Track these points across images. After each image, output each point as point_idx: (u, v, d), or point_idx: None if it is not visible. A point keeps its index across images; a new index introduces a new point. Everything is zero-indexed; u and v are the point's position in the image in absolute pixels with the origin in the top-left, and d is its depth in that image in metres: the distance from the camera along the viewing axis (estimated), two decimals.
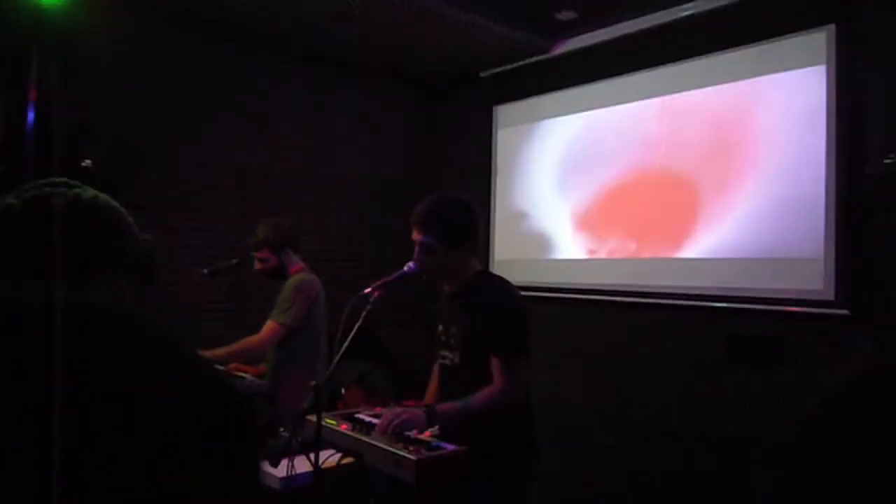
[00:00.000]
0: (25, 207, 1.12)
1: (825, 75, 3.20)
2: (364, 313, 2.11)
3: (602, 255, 4.18)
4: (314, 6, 3.69)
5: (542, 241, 4.54)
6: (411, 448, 2.00)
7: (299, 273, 3.38)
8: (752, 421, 3.39)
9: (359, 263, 4.74)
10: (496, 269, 4.80)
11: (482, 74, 4.90)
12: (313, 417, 1.97)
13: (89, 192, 1.23)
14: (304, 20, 3.94)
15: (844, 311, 3.09)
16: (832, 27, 3.17)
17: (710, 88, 3.66)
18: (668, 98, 3.85)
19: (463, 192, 4.76)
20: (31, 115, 3.43)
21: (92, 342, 0.69)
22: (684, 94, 3.77)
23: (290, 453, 2.07)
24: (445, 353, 2.42)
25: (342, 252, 4.75)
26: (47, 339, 0.65)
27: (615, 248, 4.10)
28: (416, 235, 2.34)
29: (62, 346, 0.65)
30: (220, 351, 3.31)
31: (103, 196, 1.25)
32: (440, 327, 2.48)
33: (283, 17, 3.88)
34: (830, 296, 3.15)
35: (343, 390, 4.13)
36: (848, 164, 3.12)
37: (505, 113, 4.88)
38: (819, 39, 3.22)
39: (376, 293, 2.14)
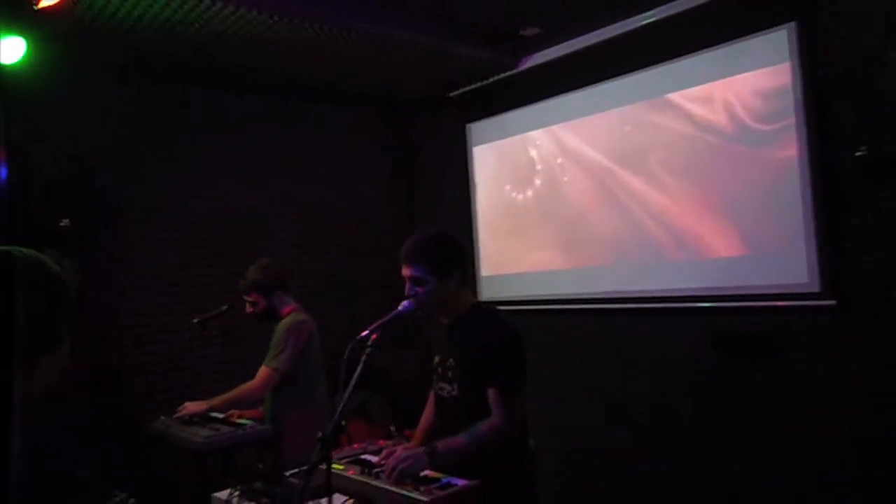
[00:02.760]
0: None
1: (790, 72, 3.26)
2: (364, 357, 2.10)
3: (586, 264, 4.20)
4: (277, 40, 3.69)
5: (526, 255, 4.56)
6: (422, 488, 1.99)
7: (291, 314, 3.36)
8: (749, 416, 3.43)
9: (346, 294, 4.73)
10: (482, 285, 4.82)
11: (452, 94, 4.93)
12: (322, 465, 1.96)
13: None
14: (268, 55, 3.93)
15: (831, 302, 3.14)
16: (792, 25, 3.24)
17: (679, 92, 3.70)
18: (638, 105, 3.89)
19: (444, 215, 4.85)
20: (2, 174, 3.39)
21: None
22: (653, 99, 3.82)
23: (302, 501, 2.06)
24: (443, 384, 2.43)
25: (328, 284, 4.73)
26: None
27: (598, 256, 4.13)
28: (405, 271, 2.36)
29: None
30: (217, 400, 3.29)
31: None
32: (436, 358, 2.48)
33: (245, 53, 3.87)
34: (816, 287, 3.20)
35: (344, 422, 4.11)
36: (820, 157, 3.18)
37: (478, 130, 4.90)
38: (781, 37, 3.28)
39: (373, 336, 2.14)
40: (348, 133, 5.09)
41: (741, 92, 3.45)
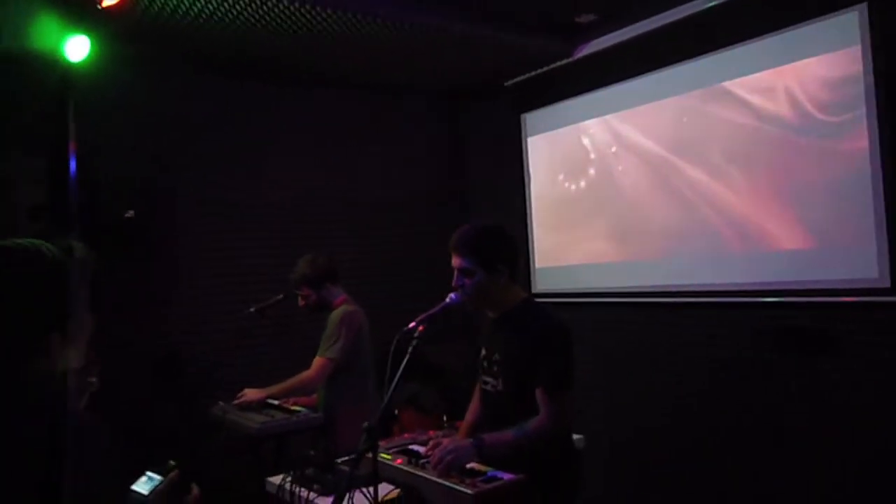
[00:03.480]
0: None
1: (860, 56, 3.10)
2: (411, 349, 2.11)
3: (641, 255, 4.11)
4: (329, 34, 3.72)
5: (580, 247, 4.50)
6: (467, 481, 1.99)
7: (342, 305, 3.41)
8: (814, 415, 3.29)
9: (398, 285, 4.76)
10: (537, 277, 4.78)
11: (507, 84, 4.89)
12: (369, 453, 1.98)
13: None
14: (321, 49, 3.96)
15: None
16: (864, 6, 3.07)
17: (741, 79, 3.57)
18: (698, 92, 3.77)
19: (498, 206, 4.82)
20: (72, 167, 3.54)
21: None
22: (715, 86, 3.69)
23: (349, 488, 2.09)
24: (488, 378, 2.42)
25: (381, 275, 4.77)
26: None
27: (654, 247, 4.04)
28: (454, 261, 2.36)
29: None
30: (275, 388, 3.37)
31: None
32: (483, 352, 2.48)
33: (299, 48, 3.92)
34: (886, 283, 3.05)
35: (396, 411, 4.16)
36: (892, 145, 3.02)
37: (533, 120, 4.85)
38: (851, 20, 3.12)
39: (420, 328, 2.14)
40: (402, 124, 5.10)
41: (807, 79, 3.30)
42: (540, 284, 4.74)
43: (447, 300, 2.28)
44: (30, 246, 1.24)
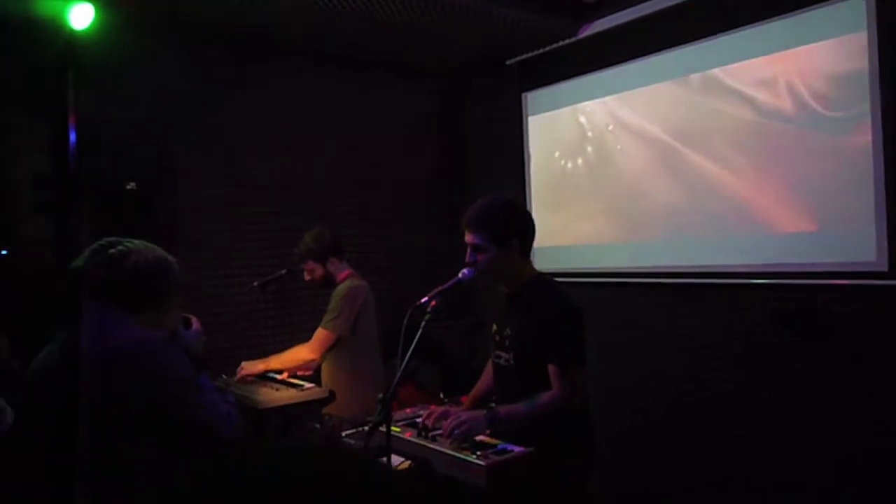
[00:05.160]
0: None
1: (866, 42, 3.12)
2: (423, 323, 2.14)
3: (643, 237, 4.14)
4: (333, 8, 3.68)
5: (581, 227, 4.52)
6: (479, 453, 2.03)
7: (347, 280, 3.42)
8: (810, 397, 3.36)
9: (399, 262, 4.77)
10: (536, 256, 4.79)
11: (508, 62, 4.87)
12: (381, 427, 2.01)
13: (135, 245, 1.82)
14: (326, 24, 3.92)
15: None
16: None
17: (745, 62, 3.58)
18: (701, 75, 3.78)
19: (498, 185, 4.82)
20: (72, 139, 3.50)
21: None
22: (718, 69, 3.70)
23: None
24: (500, 352, 2.45)
25: (381, 252, 4.77)
26: None
27: (657, 229, 4.06)
28: (467, 237, 2.38)
29: None
30: (273, 360, 3.38)
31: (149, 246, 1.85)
32: (494, 326, 2.51)
33: (303, 20, 3.87)
34: (884, 266, 3.09)
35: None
36: (894, 136, 3.05)
37: (534, 99, 4.84)
38: (858, 6, 3.14)
39: (433, 303, 2.17)
40: (402, 100, 5.06)
41: (811, 67, 3.31)
42: (539, 264, 4.73)
43: (460, 276, 2.30)
44: (141, 246, 1.83)
